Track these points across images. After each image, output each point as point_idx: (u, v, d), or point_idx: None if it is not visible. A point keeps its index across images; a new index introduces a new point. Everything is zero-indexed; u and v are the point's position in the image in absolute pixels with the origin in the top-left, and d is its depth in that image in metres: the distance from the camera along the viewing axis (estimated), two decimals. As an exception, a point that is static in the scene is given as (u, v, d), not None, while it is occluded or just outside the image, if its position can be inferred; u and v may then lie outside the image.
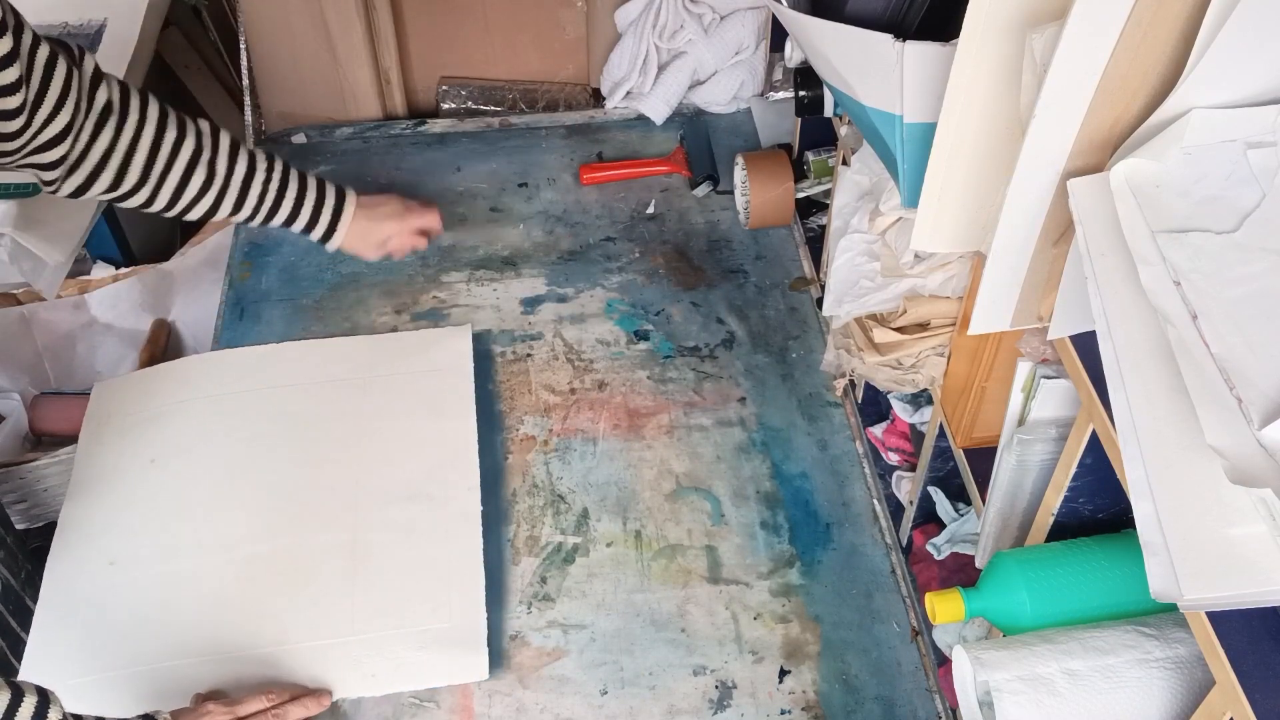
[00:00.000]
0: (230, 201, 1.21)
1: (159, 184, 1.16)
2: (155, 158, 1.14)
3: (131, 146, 1.12)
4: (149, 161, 1.14)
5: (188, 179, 1.17)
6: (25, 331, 1.64)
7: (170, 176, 1.16)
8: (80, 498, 1.26)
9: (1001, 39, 0.69)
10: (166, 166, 1.15)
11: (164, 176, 1.16)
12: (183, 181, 1.17)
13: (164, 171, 1.15)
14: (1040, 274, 0.76)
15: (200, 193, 1.19)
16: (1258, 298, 0.58)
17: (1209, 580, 0.55)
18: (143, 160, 1.13)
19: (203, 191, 1.19)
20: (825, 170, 1.56)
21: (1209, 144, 0.64)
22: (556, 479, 1.30)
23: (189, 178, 1.17)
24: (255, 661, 1.12)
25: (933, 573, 1.16)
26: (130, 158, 1.12)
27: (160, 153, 1.14)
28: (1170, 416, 0.58)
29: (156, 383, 1.38)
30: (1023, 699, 0.75)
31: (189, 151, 1.16)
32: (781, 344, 1.45)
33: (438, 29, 1.78)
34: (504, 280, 1.53)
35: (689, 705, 1.11)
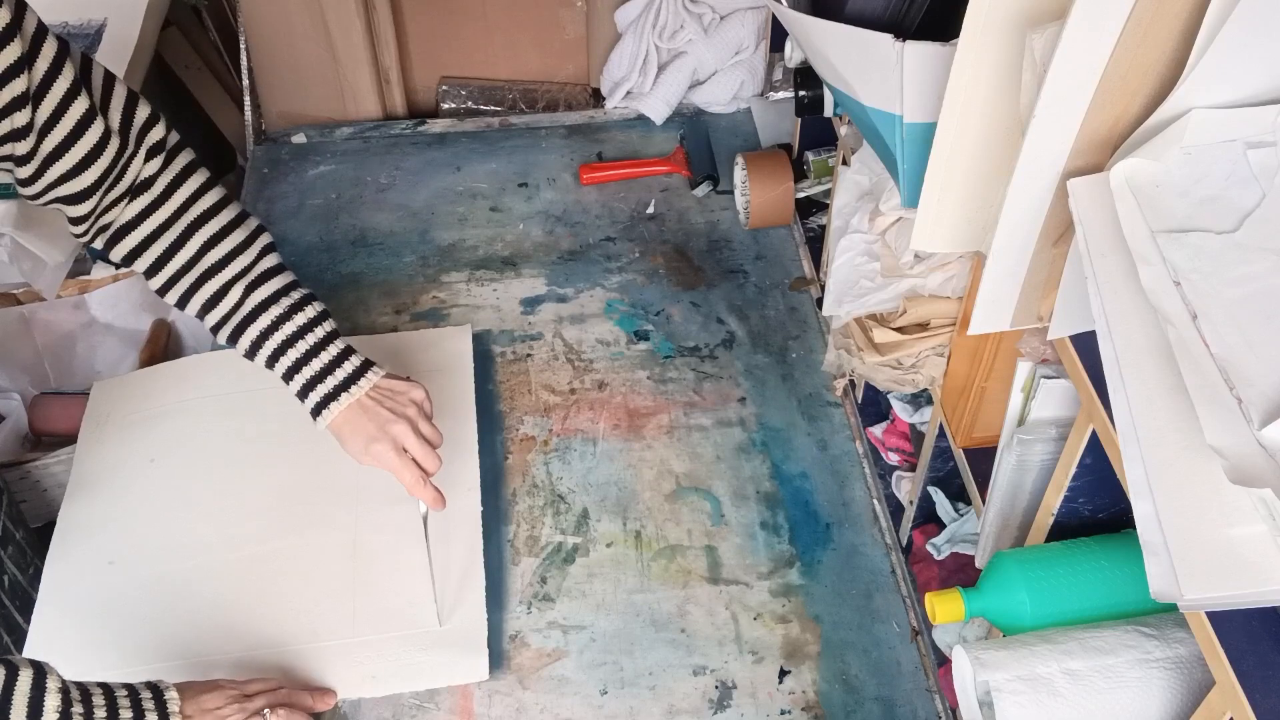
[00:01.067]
0: (228, 330, 1.08)
1: (170, 282, 1.06)
2: (173, 255, 1.04)
3: (155, 233, 1.03)
4: (166, 255, 1.04)
5: (196, 289, 1.06)
6: (25, 331, 1.64)
7: (181, 281, 1.06)
8: (80, 497, 1.26)
9: (1001, 39, 0.69)
10: (182, 270, 1.05)
11: (176, 278, 1.06)
12: (191, 290, 1.06)
13: (177, 274, 1.05)
14: (1040, 274, 0.76)
15: (205, 308, 1.07)
16: (1258, 298, 0.58)
17: (1209, 580, 0.55)
18: (160, 251, 1.04)
19: (207, 309, 1.07)
20: (825, 170, 1.56)
21: (1209, 144, 0.64)
22: (556, 479, 1.30)
23: (197, 289, 1.06)
24: (255, 662, 1.12)
25: (933, 573, 1.16)
26: (150, 242, 1.04)
27: (180, 253, 1.04)
28: (1170, 416, 0.58)
29: (156, 383, 1.38)
30: (1023, 699, 0.75)
31: (209, 263, 1.05)
32: (781, 344, 1.45)
33: (438, 29, 1.78)
34: (504, 280, 1.53)
35: (689, 705, 1.11)
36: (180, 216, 1.03)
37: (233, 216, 1.06)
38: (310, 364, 1.08)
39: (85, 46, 1.60)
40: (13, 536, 1.23)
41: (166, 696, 0.95)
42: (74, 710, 0.88)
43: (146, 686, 0.95)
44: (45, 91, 0.90)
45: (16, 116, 0.88)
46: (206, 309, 1.06)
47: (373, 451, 1.08)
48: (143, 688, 0.95)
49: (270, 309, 1.06)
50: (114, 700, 0.91)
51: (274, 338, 1.06)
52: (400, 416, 1.09)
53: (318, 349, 1.08)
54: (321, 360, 1.08)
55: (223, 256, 1.04)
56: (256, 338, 1.06)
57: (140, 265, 1.05)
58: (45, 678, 0.88)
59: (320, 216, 1.64)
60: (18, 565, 1.22)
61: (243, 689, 1.02)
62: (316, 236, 1.61)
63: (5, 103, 0.87)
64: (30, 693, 0.86)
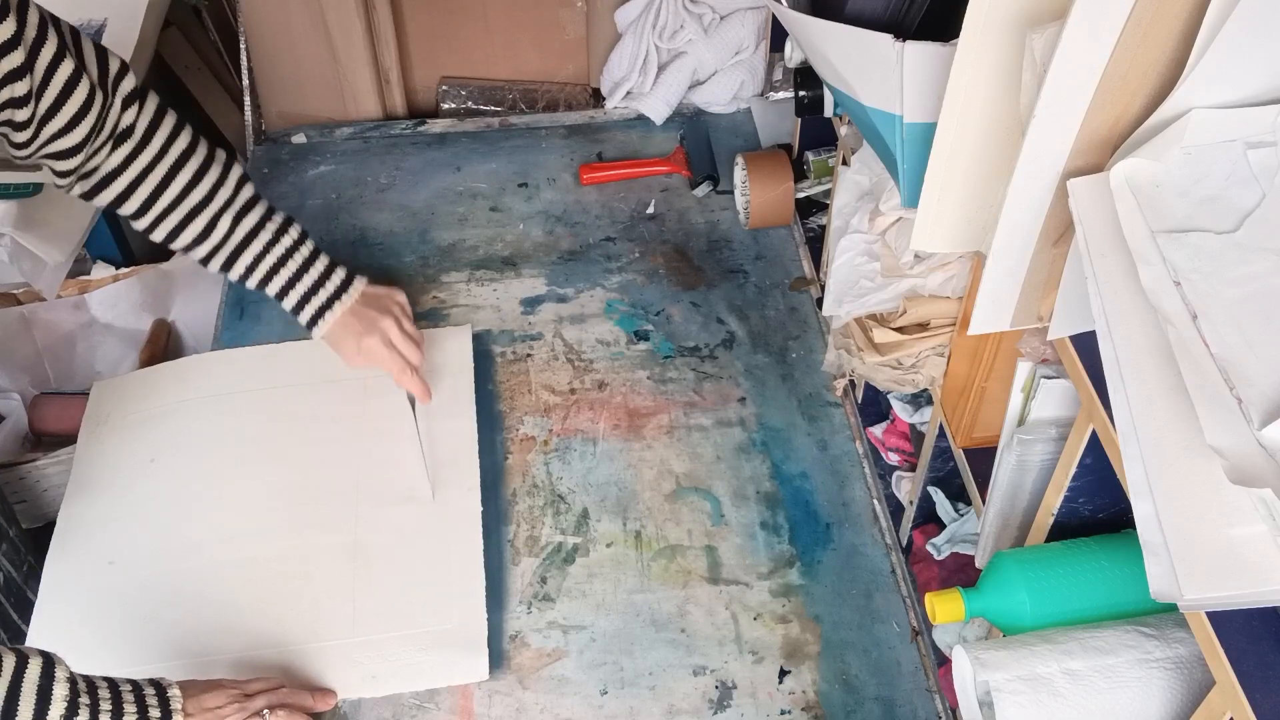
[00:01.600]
0: (220, 260, 1.18)
1: (158, 219, 1.14)
2: (159, 194, 1.12)
3: (140, 177, 1.11)
4: (153, 195, 1.12)
5: (184, 225, 1.15)
6: (25, 331, 1.64)
7: (169, 218, 1.14)
8: (80, 497, 1.26)
9: (1001, 39, 0.69)
10: (168, 207, 1.13)
11: (163, 216, 1.14)
12: (179, 227, 1.15)
13: (164, 211, 1.14)
14: (1040, 274, 0.76)
15: (195, 242, 1.16)
16: (1258, 298, 0.58)
17: (1209, 580, 0.55)
18: (146, 192, 1.12)
19: (196, 242, 1.16)
20: (825, 170, 1.56)
21: (1209, 144, 0.64)
22: (556, 479, 1.30)
23: (186, 224, 1.15)
24: (255, 662, 1.12)
25: (933, 573, 1.16)
26: (136, 186, 1.11)
27: (165, 192, 1.12)
28: (1170, 416, 0.58)
29: (156, 383, 1.38)
30: (1023, 699, 0.75)
31: (195, 199, 1.14)
32: (781, 344, 1.45)
33: (438, 29, 1.78)
34: (504, 280, 1.53)
35: (689, 705, 1.11)
36: (161, 159, 1.11)
37: (207, 153, 1.15)
38: (301, 280, 1.20)
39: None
40: (5, 533, 1.23)
41: (170, 694, 0.96)
42: (81, 701, 0.89)
43: (150, 683, 0.96)
44: (35, 56, 0.96)
45: (16, 86, 0.93)
46: (197, 242, 1.15)
47: (364, 348, 1.23)
48: (146, 684, 0.95)
49: (259, 235, 1.17)
50: (119, 694, 0.92)
51: (265, 261, 1.18)
52: (386, 314, 1.24)
53: (306, 266, 1.20)
54: (311, 276, 1.20)
55: (207, 192, 1.13)
56: (250, 263, 1.18)
57: (127, 209, 1.12)
58: (54, 667, 0.89)
59: (320, 216, 1.64)
60: (11, 562, 1.22)
61: (243, 688, 1.02)
62: (316, 236, 1.58)
63: (4, 73, 0.92)
64: (39, 681, 0.87)
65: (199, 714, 0.97)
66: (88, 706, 0.89)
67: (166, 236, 1.15)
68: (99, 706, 0.90)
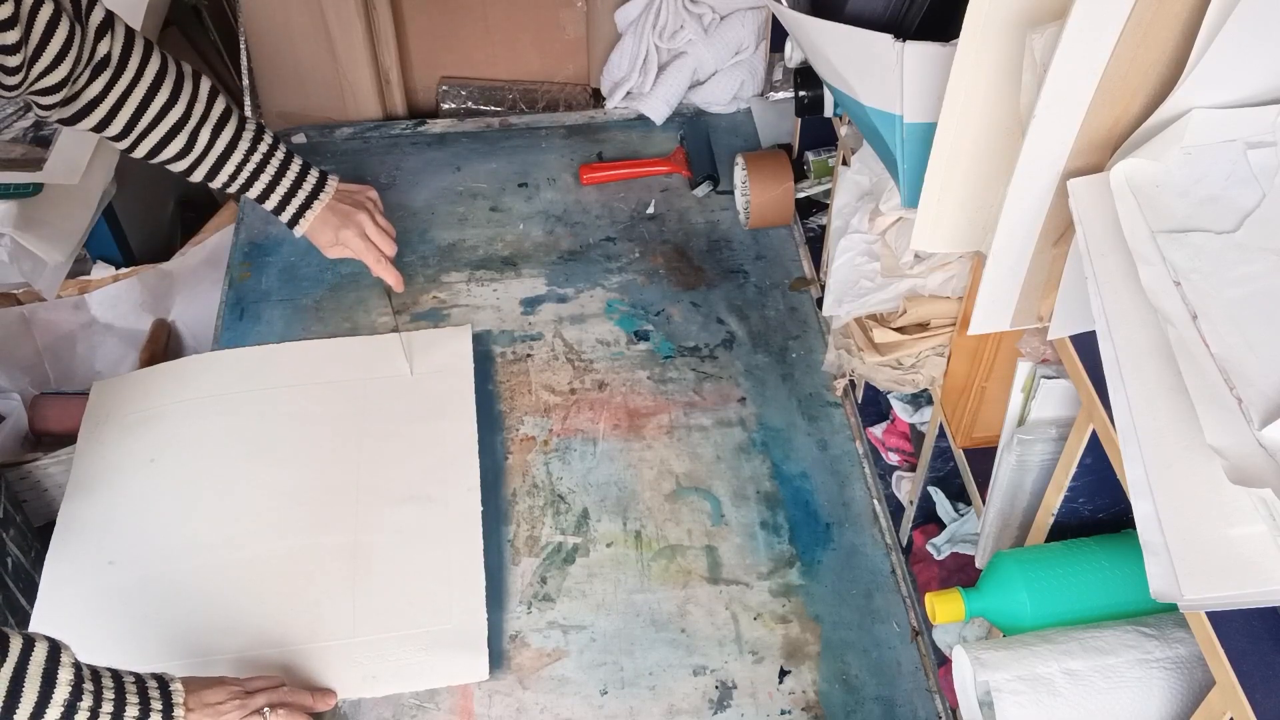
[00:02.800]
0: (203, 170, 1.25)
1: (139, 138, 1.20)
2: (140, 116, 1.18)
3: (119, 101, 1.16)
4: (134, 117, 1.18)
5: (167, 142, 1.21)
6: (25, 331, 1.64)
7: (150, 135, 1.20)
8: (80, 497, 1.26)
9: (1001, 39, 0.69)
10: (149, 126, 1.19)
11: (145, 134, 1.20)
12: (161, 143, 1.21)
13: (145, 130, 1.19)
14: (1040, 274, 0.76)
15: (177, 156, 1.23)
16: (1258, 298, 0.58)
17: (1209, 580, 0.55)
18: (128, 115, 1.17)
19: (179, 156, 1.23)
20: (825, 170, 1.56)
21: (1209, 144, 0.64)
22: (556, 479, 1.30)
23: (168, 141, 1.21)
24: (254, 662, 1.12)
25: (933, 573, 1.16)
26: (117, 110, 1.17)
27: (145, 113, 1.18)
28: (1170, 416, 0.58)
29: (156, 383, 1.38)
30: (1023, 699, 0.75)
31: (174, 118, 1.20)
32: (781, 344, 1.45)
33: (438, 29, 1.78)
34: (504, 280, 1.53)
35: (689, 705, 1.11)
36: (138, 82, 1.16)
37: (178, 70, 1.20)
38: (280, 183, 1.29)
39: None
40: (13, 519, 1.24)
41: (172, 688, 0.97)
42: (85, 688, 0.89)
43: (153, 677, 0.97)
44: (20, 2, 1.00)
45: (6, 35, 0.99)
46: (179, 157, 1.22)
47: (342, 239, 1.32)
48: (149, 677, 0.96)
49: (238, 145, 1.25)
50: (122, 685, 0.93)
51: (245, 169, 1.26)
52: (360, 208, 1.34)
53: (283, 170, 1.29)
54: (289, 179, 1.29)
55: (184, 110, 1.20)
56: (232, 172, 1.26)
57: (109, 132, 1.18)
58: (60, 652, 0.90)
59: (320, 216, 1.63)
60: (20, 548, 1.23)
61: (244, 686, 1.02)
62: (316, 236, 1.60)
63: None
64: (45, 665, 0.88)
65: (200, 709, 0.97)
66: (91, 693, 0.89)
67: (148, 153, 1.21)
68: (102, 695, 0.90)
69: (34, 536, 1.29)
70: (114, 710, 0.90)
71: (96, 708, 0.89)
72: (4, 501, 1.23)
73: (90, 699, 0.89)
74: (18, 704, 0.85)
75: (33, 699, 0.86)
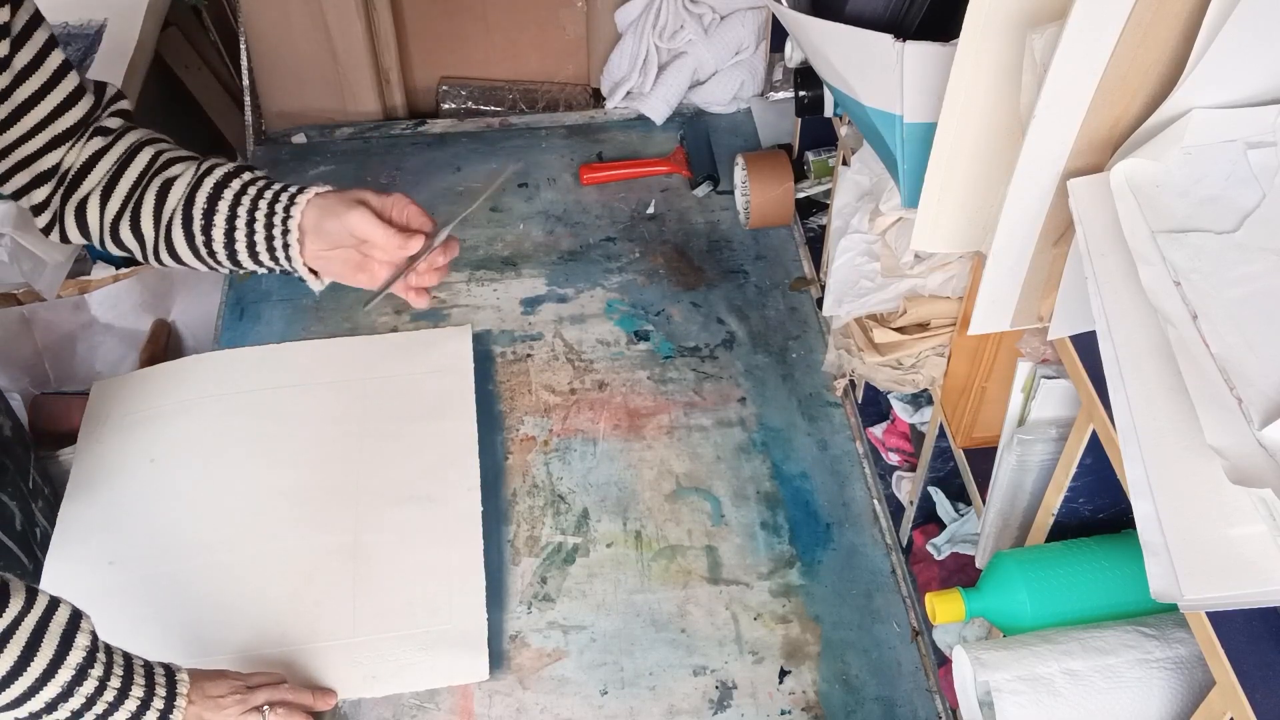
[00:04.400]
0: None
1: (121, 208, 1.01)
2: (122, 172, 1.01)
3: (110, 174, 1.00)
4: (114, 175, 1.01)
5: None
6: (25, 331, 1.64)
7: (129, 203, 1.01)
8: (80, 497, 1.26)
9: (1001, 39, 0.69)
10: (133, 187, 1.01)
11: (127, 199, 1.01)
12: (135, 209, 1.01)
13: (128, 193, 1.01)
14: (1040, 274, 0.76)
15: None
16: (1258, 298, 0.58)
17: (1209, 580, 0.55)
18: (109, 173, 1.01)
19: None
20: (825, 170, 1.56)
21: (1209, 144, 0.63)
22: (556, 479, 1.30)
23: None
24: (255, 663, 1.12)
25: (933, 573, 1.16)
26: (104, 182, 1.01)
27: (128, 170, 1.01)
28: (1170, 416, 0.58)
29: (156, 383, 1.38)
30: (1023, 699, 0.75)
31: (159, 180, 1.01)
32: (781, 344, 1.45)
33: (438, 29, 1.78)
34: (504, 280, 1.53)
35: (689, 705, 1.11)
36: (136, 154, 1.00)
37: (183, 153, 1.02)
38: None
39: (85, 46, 1.60)
40: (41, 491, 1.25)
41: (178, 678, 0.98)
42: (98, 657, 0.90)
43: (160, 665, 0.97)
44: (26, 38, 0.93)
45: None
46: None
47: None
48: (157, 665, 0.97)
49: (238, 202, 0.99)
50: (131, 666, 0.94)
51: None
52: None
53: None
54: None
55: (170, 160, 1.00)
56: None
57: (93, 203, 0.99)
58: (80, 619, 0.91)
59: (320, 216, 1.63)
60: (47, 520, 1.24)
61: (246, 681, 1.03)
62: (316, 236, 1.60)
63: None
64: (66, 626, 0.89)
65: (200, 701, 0.98)
66: (103, 664, 0.91)
67: (131, 219, 1.01)
68: (112, 669, 0.91)
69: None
70: (121, 686, 0.92)
71: (105, 679, 0.90)
72: (34, 473, 1.24)
73: (101, 669, 0.90)
74: (33, 657, 0.86)
75: (48, 656, 0.87)
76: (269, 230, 0.99)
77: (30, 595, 0.88)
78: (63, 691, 0.87)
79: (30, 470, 1.24)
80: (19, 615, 0.86)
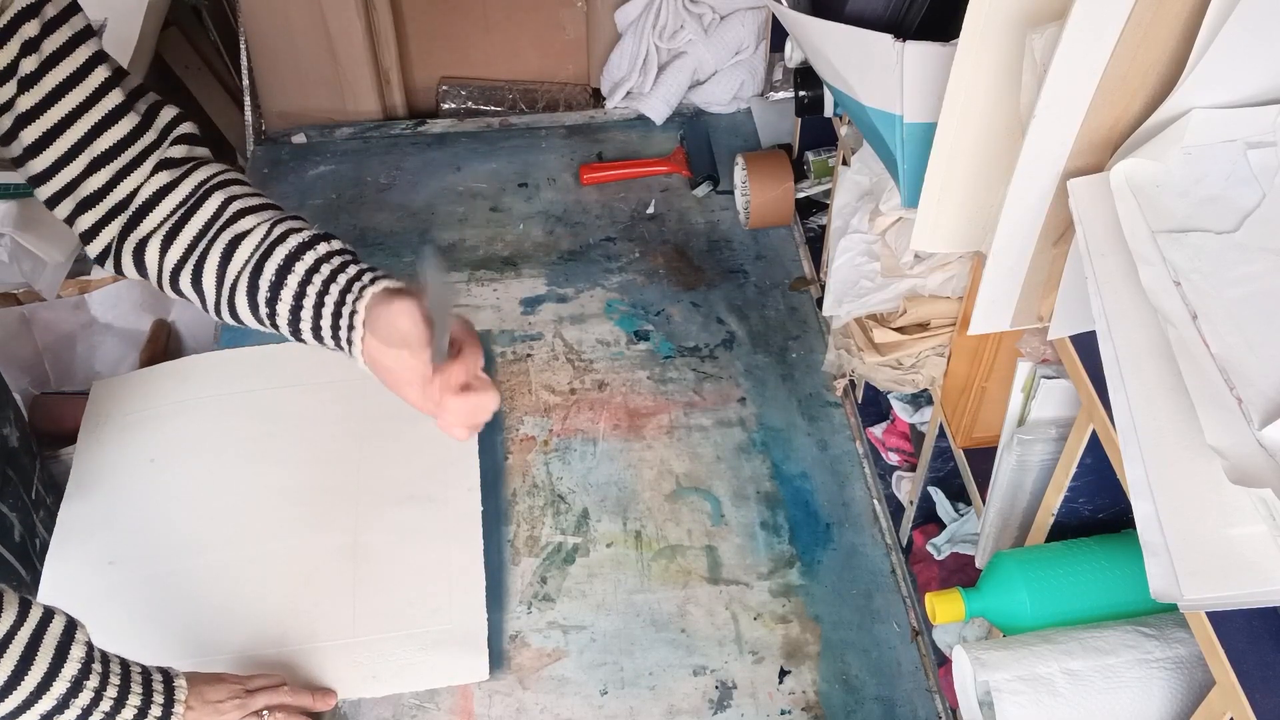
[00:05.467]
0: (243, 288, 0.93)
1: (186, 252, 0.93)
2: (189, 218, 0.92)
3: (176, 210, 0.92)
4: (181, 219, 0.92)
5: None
6: (25, 331, 1.64)
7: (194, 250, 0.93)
8: (80, 497, 1.26)
9: (1001, 39, 0.69)
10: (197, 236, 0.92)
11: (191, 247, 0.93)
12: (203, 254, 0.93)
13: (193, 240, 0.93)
14: (1040, 274, 0.76)
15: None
16: (1258, 298, 0.58)
17: (1209, 580, 0.55)
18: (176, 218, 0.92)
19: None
20: (825, 170, 1.56)
21: (1209, 144, 0.63)
22: (556, 479, 1.30)
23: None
24: (255, 662, 1.12)
25: (933, 573, 1.16)
26: (169, 221, 0.92)
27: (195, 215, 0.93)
28: (1170, 416, 0.58)
29: (156, 383, 1.38)
30: (1023, 699, 0.75)
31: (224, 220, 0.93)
32: (781, 344, 1.45)
33: (438, 29, 1.78)
34: (504, 280, 1.53)
35: (689, 705, 1.11)
36: (204, 199, 0.92)
37: (260, 192, 0.95)
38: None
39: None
40: (44, 501, 1.25)
41: (176, 684, 0.97)
42: (94, 668, 0.90)
43: (159, 670, 0.97)
44: (67, 54, 0.86)
45: (24, 64, 0.83)
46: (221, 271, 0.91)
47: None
48: (155, 670, 0.97)
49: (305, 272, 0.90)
50: (129, 673, 0.93)
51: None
52: None
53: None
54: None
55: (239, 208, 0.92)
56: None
57: (153, 245, 0.92)
58: (75, 629, 0.91)
59: (320, 216, 1.64)
60: (49, 530, 1.24)
61: (245, 684, 1.03)
62: (316, 236, 1.60)
63: (15, 52, 0.82)
64: (60, 637, 0.89)
65: (199, 706, 0.98)
66: (99, 675, 0.90)
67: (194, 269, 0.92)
68: (109, 679, 0.91)
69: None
70: (118, 695, 0.91)
71: (101, 690, 0.90)
72: (38, 483, 1.24)
73: (97, 680, 0.90)
74: (28, 670, 0.85)
75: (43, 669, 0.86)
76: (335, 320, 0.90)
77: (24, 607, 0.87)
78: (58, 704, 0.87)
79: (34, 481, 1.23)
80: (12, 628, 0.85)
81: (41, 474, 1.26)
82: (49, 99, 0.86)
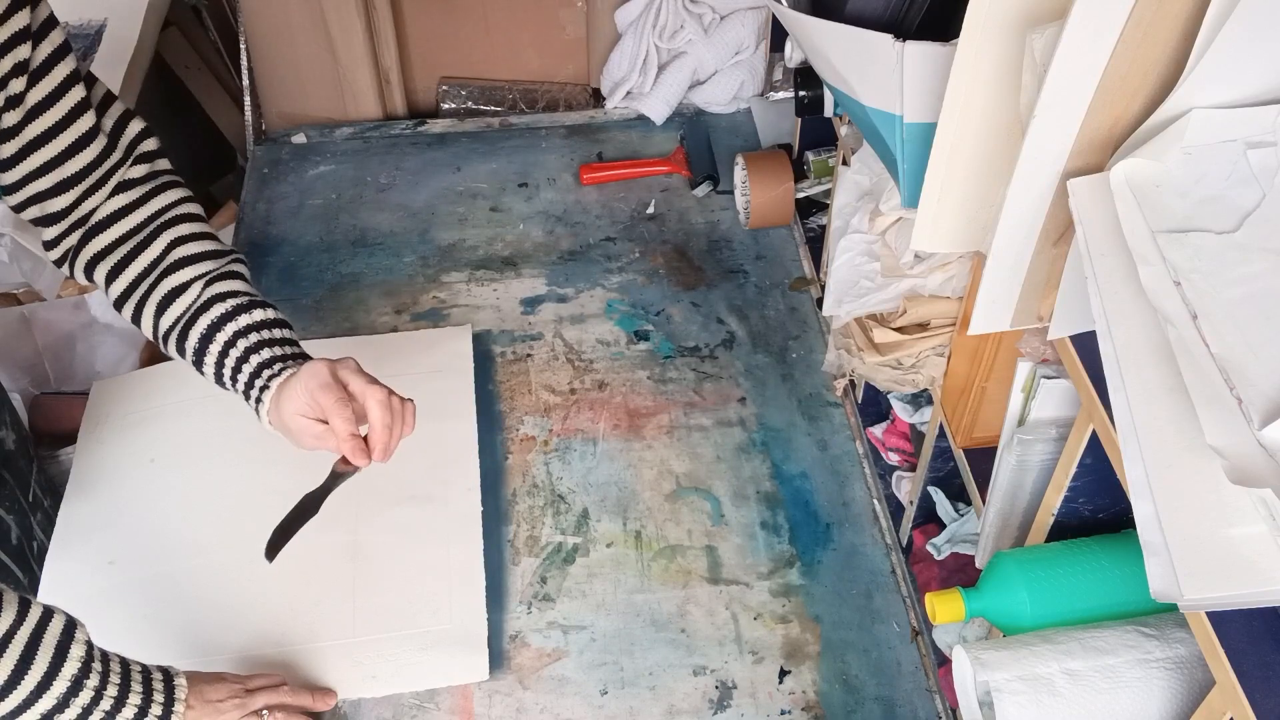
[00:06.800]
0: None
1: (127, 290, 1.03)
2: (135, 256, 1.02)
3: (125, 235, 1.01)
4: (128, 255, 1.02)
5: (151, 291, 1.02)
6: (25, 331, 1.64)
7: (138, 289, 1.03)
8: (80, 497, 1.26)
9: (1001, 39, 0.69)
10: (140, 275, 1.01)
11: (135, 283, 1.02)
12: (145, 295, 1.03)
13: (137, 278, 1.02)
14: (1040, 274, 0.76)
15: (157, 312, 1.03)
16: (1258, 298, 0.58)
17: (1209, 580, 0.55)
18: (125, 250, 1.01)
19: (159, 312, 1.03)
20: (825, 170, 1.56)
21: (1209, 144, 0.63)
22: (556, 479, 1.30)
23: (153, 290, 1.02)
24: (255, 662, 1.12)
25: (933, 573, 1.16)
26: (118, 244, 1.01)
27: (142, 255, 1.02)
28: (1170, 416, 0.58)
29: (156, 382, 1.38)
30: (1023, 699, 0.75)
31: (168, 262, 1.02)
32: (781, 344, 1.45)
33: (438, 29, 1.78)
34: (504, 280, 1.53)
35: (689, 705, 1.11)
36: (150, 240, 1.01)
37: (204, 229, 1.04)
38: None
39: (85, 46, 1.60)
40: (42, 504, 1.25)
41: (176, 683, 0.97)
42: (94, 667, 0.90)
43: (159, 669, 0.97)
44: (45, 72, 0.91)
45: (13, 84, 0.88)
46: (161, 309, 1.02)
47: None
48: (155, 670, 0.97)
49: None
50: (128, 672, 0.94)
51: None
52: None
53: None
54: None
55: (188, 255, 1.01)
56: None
57: (102, 269, 1.01)
58: (75, 628, 0.91)
59: (320, 216, 1.64)
60: (45, 532, 1.24)
61: (245, 684, 1.03)
62: (316, 236, 1.61)
63: (6, 70, 0.87)
64: (60, 636, 0.89)
65: (199, 705, 0.98)
66: (99, 674, 0.90)
67: (135, 307, 1.03)
68: (109, 678, 0.91)
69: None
70: (118, 695, 0.91)
71: (101, 689, 0.90)
72: (35, 486, 1.24)
73: (96, 679, 0.90)
74: (28, 669, 0.86)
75: (43, 668, 0.86)
76: (247, 391, 1.06)
77: (23, 606, 0.88)
78: (58, 703, 0.87)
79: (32, 483, 1.23)
80: (11, 627, 0.86)
81: (39, 476, 1.26)
82: (28, 116, 0.92)
